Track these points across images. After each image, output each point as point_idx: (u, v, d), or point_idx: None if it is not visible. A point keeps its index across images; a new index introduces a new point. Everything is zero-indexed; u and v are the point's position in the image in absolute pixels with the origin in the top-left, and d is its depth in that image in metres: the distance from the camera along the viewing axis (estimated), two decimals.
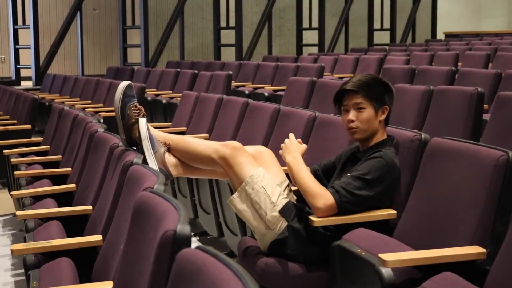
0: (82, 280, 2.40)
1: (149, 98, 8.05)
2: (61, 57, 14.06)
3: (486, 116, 4.30)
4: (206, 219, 4.17)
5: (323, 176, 3.03)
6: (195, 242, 4.35)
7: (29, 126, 6.20)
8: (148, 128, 2.90)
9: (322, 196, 2.66)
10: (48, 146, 4.95)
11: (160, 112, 7.86)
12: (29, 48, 11.53)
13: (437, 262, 2.27)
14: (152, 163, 2.84)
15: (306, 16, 15.30)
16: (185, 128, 5.32)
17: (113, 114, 3.14)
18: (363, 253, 2.43)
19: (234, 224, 3.59)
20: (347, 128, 2.87)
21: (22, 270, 2.80)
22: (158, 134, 2.99)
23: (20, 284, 3.75)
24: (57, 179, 4.01)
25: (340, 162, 2.99)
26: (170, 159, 2.95)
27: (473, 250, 2.30)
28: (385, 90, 2.87)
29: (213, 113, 4.99)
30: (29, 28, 11.47)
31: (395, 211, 2.73)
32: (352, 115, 2.83)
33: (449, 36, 16.98)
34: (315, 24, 15.15)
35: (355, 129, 2.83)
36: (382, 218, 2.72)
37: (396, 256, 2.27)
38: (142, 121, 2.90)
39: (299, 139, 2.97)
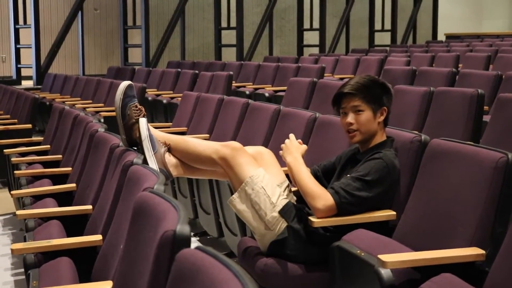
0: (82, 280, 2.41)
1: (149, 98, 8.06)
2: (62, 56, 14.07)
3: (486, 118, 4.30)
4: (206, 219, 4.18)
5: (323, 177, 3.03)
6: (195, 242, 4.35)
7: (29, 125, 6.21)
8: (148, 128, 2.90)
9: (321, 197, 2.67)
10: (49, 146, 4.95)
11: (160, 112, 7.87)
12: (30, 47, 11.54)
13: (436, 263, 2.27)
14: (152, 163, 2.84)
15: (307, 16, 15.31)
16: (186, 128, 5.32)
17: (113, 114, 3.14)
18: (363, 254, 2.43)
19: (234, 225, 3.59)
20: (346, 131, 2.87)
21: (22, 270, 2.80)
22: (159, 134, 2.99)
23: (20, 283, 3.75)
24: (57, 179, 4.01)
25: (340, 163, 2.99)
26: (170, 159, 2.95)
27: (472, 251, 2.30)
28: (383, 91, 2.87)
29: (214, 113, 5.00)
30: (30, 27, 11.48)
31: (394, 212, 2.73)
32: (350, 118, 2.83)
33: (450, 37, 16.98)
34: (316, 25, 15.16)
35: (354, 132, 2.83)
36: (381, 219, 2.72)
37: (395, 257, 2.27)
38: (143, 121, 2.91)
39: (300, 140, 2.97)
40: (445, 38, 17.02)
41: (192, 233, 3.91)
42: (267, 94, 7.61)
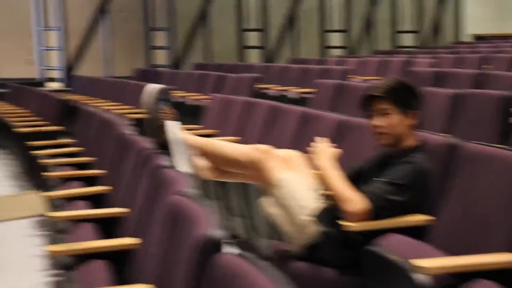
0: (117, 283, 2.42)
1: (174, 100, 8.07)
2: (88, 58, 14.15)
3: None
4: (234, 222, 4.18)
5: (352, 180, 3.01)
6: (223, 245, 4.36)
7: (58, 127, 6.26)
8: (177, 131, 2.92)
9: (353, 200, 2.65)
10: (78, 148, 4.98)
11: (186, 115, 7.85)
12: (56, 49, 11.66)
13: (475, 269, 2.23)
14: (182, 166, 2.86)
15: (330, 18, 15.27)
16: (214, 130, 5.33)
17: (142, 116, 3.17)
18: (397, 258, 2.41)
19: (263, 227, 3.59)
20: (374, 133, 2.85)
21: (53, 271, 2.83)
22: (187, 137, 3.01)
23: (50, 285, 3.78)
24: (86, 182, 4.03)
25: (369, 167, 2.97)
26: (199, 162, 2.96)
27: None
28: (412, 94, 2.84)
29: (240, 116, 5.00)
30: (55, 30, 11.59)
31: (427, 217, 2.69)
32: (379, 120, 2.81)
33: (475, 38, 16.82)
34: (340, 26, 15.12)
35: (382, 134, 2.82)
36: (416, 223, 2.68)
37: (433, 263, 2.24)
38: (172, 124, 2.93)
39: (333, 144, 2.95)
40: (471, 39, 16.87)
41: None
42: (292, 96, 7.60)
